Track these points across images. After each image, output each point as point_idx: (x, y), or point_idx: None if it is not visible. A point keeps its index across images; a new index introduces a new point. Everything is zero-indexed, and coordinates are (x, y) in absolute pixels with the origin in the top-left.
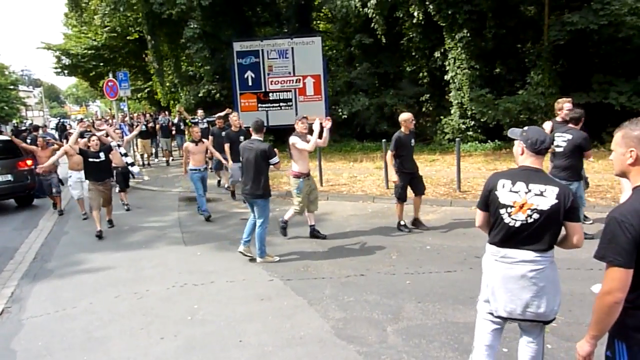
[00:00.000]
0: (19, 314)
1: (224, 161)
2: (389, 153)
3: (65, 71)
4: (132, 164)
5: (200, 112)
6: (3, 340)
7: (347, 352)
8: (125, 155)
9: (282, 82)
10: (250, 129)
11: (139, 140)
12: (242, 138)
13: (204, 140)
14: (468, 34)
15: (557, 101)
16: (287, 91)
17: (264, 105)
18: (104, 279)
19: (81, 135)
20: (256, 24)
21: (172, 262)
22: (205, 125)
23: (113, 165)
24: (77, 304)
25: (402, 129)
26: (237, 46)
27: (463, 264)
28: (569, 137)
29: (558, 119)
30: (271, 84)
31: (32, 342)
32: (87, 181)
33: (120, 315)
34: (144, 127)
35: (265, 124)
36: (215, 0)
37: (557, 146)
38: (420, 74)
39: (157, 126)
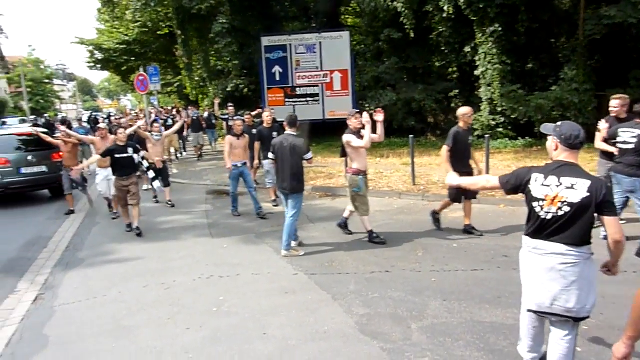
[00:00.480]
0: (52, 300)
1: (256, 160)
2: (445, 148)
3: (98, 65)
4: (155, 179)
5: (231, 108)
6: (37, 325)
7: (370, 348)
8: (149, 169)
9: (310, 76)
10: (284, 124)
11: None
12: (275, 134)
13: (245, 134)
14: (500, 28)
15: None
16: (314, 86)
17: (291, 100)
18: (133, 269)
19: (111, 131)
20: (284, 19)
21: (199, 254)
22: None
23: (150, 161)
24: (107, 292)
25: (461, 124)
26: (265, 41)
27: (490, 262)
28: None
29: (612, 115)
30: (298, 78)
31: (64, 328)
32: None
33: (148, 305)
34: (170, 121)
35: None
36: None
37: (625, 142)
38: (450, 69)
39: (188, 120)
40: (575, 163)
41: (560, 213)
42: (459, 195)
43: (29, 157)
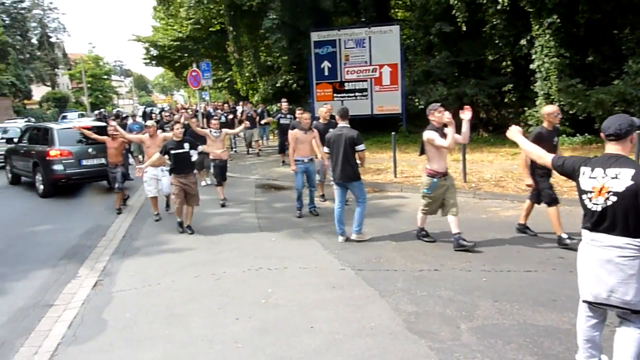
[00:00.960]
0: (110, 286)
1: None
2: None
3: (153, 62)
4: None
5: (284, 104)
6: (96, 310)
7: (418, 346)
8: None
9: (358, 71)
10: (337, 117)
11: None
12: (330, 130)
13: (313, 128)
14: (558, 20)
15: None
16: (363, 81)
17: (339, 95)
18: (185, 259)
19: (162, 127)
20: (334, 14)
21: (248, 247)
22: (289, 120)
23: (211, 157)
24: (160, 280)
25: (545, 123)
26: (315, 36)
27: (545, 264)
28: None
29: None
30: (347, 73)
31: (121, 314)
32: (170, 175)
33: (200, 294)
34: (223, 118)
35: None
36: None
37: None
38: (504, 63)
39: (243, 116)
40: (621, 154)
41: (609, 203)
42: (555, 193)
43: (90, 150)
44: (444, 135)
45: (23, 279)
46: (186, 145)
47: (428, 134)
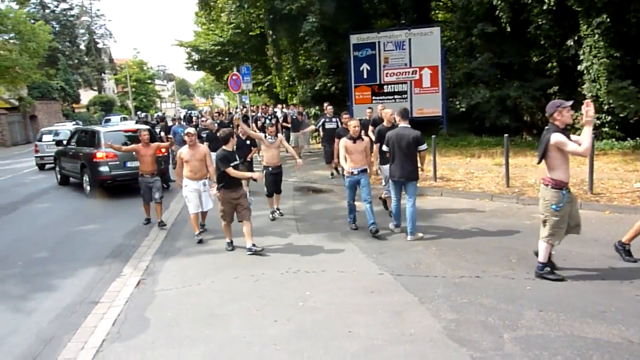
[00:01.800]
0: (153, 286)
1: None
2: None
3: (195, 66)
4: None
5: (329, 107)
6: (139, 308)
7: (459, 355)
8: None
9: (398, 73)
10: (398, 117)
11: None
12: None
13: (364, 137)
14: (608, 19)
15: None
16: (402, 83)
17: (378, 98)
18: (225, 260)
19: (200, 137)
20: (373, 16)
21: (286, 249)
22: (335, 124)
23: (264, 164)
24: (201, 281)
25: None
26: (354, 39)
27: (593, 273)
28: None
29: None
30: (386, 76)
31: (163, 312)
32: (218, 191)
33: (239, 296)
34: (267, 122)
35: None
36: None
37: None
38: (549, 65)
39: (288, 120)
40: None
41: None
42: None
43: (134, 153)
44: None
45: (71, 277)
46: (237, 157)
47: (555, 137)
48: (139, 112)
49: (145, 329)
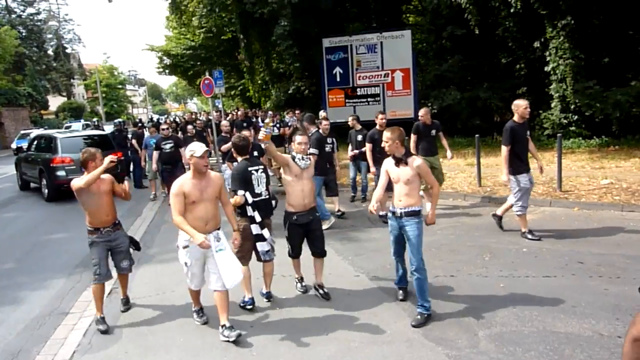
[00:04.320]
0: None
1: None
2: (504, 148)
3: (167, 70)
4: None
5: (325, 123)
6: (112, 317)
7: (435, 354)
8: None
9: (371, 77)
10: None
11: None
12: (433, 132)
13: (408, 160)
14: (572, 21)
15: None
16: (375, 86)
17: (351, 101)
18: None
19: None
20: (345, 20)
21: None
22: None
23: (287, 209)
24: (175, 288)
25: (516, 117)
26: (326, 42)
27: (564, 269)
28: None
29: None
30: (359, 79)
31: (136, 322)
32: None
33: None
34: (275, 130)
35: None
36: None
37: None
38: (517, 66)
39: (288, 130)
40: None
41: None
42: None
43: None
44: None
45: (40, 288)
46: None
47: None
48: (116, 120)
49: (118, 339)
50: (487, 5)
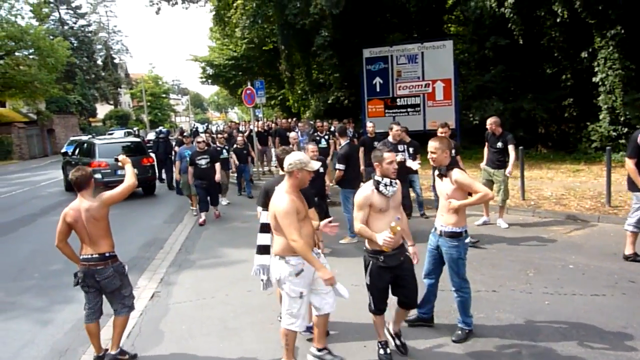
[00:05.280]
0: (167, 298)
1: None
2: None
3: (209, 80)
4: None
5: (370, 126)
6: (153, 321)
7: None
8: None
9: (411, 87)
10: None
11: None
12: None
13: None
14: (622, 31)
15: None
16: (415, 96)
17: (391, 111)
18: (239, 273)
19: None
20: (385, 30)
21: None
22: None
23: (369, 246)
24: (215, 294)
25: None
26: (367, 52)
27: (614, 288)
28: None
29: None
30: (399, 89)
31: (177, 325)
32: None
33: (253, 309)
34: (324, 142)
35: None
36: (346, 9)
37: None
38: (563, 77)
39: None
40: None
41: None
42: None
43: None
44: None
45: None
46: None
47: None
48: (158, 129)
49: (159, 342)
50: (531, 15)
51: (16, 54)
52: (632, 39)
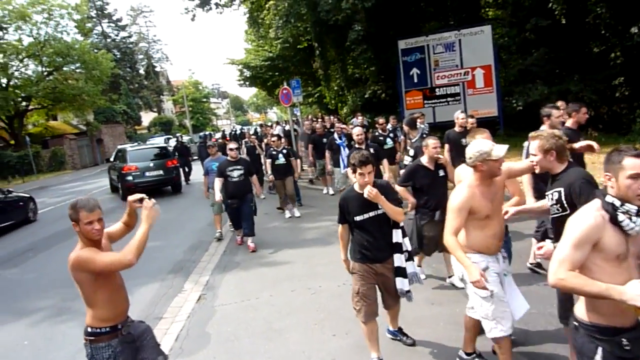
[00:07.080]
0: (213, 300)
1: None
2: None
3: (247, 82)
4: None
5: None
6: (200, 323)
7: None
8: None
9: (449, 76)
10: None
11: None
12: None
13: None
14: None
15: None
16: (454, 85)
17: (430, 102)
18: (282, 273)
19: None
20: (420, 20)
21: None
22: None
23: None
24: (259, 295)
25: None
26: (402, 44)
27: None
28: None
29: None
30: (437, 79)
31: (223, 327)
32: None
33: (297, 309)
34: (390, 141)
35: (433, 121)
36: (378, 1)
37: None
38: (612, 55)
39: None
40: None
41: None
42: None
43: (151, 165)
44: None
45: (136, 293)
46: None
47: None
48: (202, 133)
49: (207, 344)
50: None
51: (64, 68)
52: None
